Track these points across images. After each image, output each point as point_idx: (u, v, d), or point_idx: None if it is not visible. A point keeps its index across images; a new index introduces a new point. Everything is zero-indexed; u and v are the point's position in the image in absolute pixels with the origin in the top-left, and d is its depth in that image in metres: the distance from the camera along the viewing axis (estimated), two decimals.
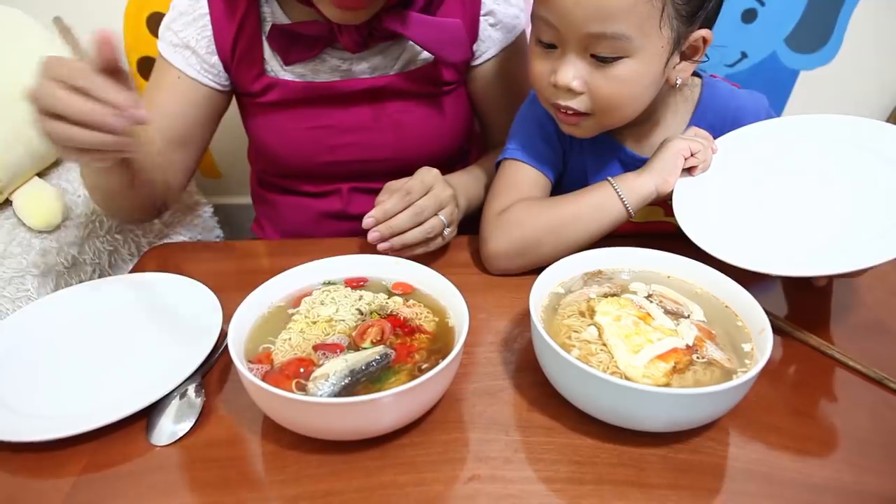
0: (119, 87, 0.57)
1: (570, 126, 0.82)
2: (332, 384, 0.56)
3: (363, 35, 0.89)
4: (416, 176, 0.84)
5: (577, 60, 0.75)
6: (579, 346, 0.61)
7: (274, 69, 0.92)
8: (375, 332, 0.64)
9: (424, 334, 0.64)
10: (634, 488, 0.54)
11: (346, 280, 0.73)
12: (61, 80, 0.56)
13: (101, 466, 0.57)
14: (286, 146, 0.97)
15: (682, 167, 0.81)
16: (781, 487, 0.54)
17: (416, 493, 0.54)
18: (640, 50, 0.72)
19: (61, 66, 0.57)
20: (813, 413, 0.63)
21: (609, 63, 0.73)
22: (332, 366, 0.58)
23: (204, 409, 0.62)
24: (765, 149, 0.83)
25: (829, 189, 0.77)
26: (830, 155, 0.80)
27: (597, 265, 0.73)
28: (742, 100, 0.88)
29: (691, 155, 0.81)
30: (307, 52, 0.90)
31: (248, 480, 0.56)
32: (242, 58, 0.90)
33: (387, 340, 0.63)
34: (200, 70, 0.89)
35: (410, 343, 0.63)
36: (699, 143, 0.81)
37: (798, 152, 0.82)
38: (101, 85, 0.56)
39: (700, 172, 0.83)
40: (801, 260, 0.69)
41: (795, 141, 0.83)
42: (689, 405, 0.53)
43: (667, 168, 0.81)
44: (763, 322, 0.61)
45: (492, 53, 0.99)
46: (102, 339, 0.73)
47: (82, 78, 0.56)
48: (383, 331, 0.64)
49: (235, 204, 1.56)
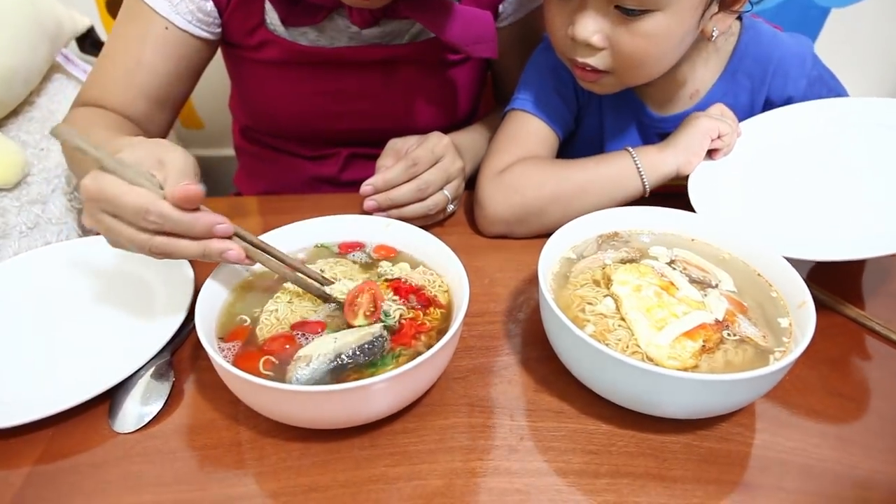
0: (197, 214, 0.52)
1: (588, 83, 0.73)
2: (312, 369, 0.49)
3: (376, 16, 0.79)
4: (425, 142, 0.75)
5: (598, 12, 0.65)
6: (594, 322, 0.54)
7: (274, 24, 0.81)
8: (367, 302, 0.56)
9: (440, 308, 0.57)
10: (655, 482, 0.48)
11: (340, 245, 0.66)
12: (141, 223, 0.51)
13: (57, 457, 0.51)
14: (284, 109, 0.88)
15: (707, 149, 0.74)
16: (822, 481, 0.48)
17: (409, 489, 0.48)
18: (672, 2, 0.62)
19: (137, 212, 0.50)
20: (854, 394, 0.56)
21: (635, 16, 0.63)
22: (317, 346, 0.51)
23: (173, 391, 0.56)
24: (789, 134, 0.76)
25: (859, 173, 0.70)
26: (859, 138, 0.74)
27: (612, 226, 0.66)
28: (785, 46, 0.78)
29: (718, 137, 0.74)
30: (308, 19, 0.80)
31: (221, 473, 0.50)
32: (240, 4, 0.79)
33: (380, 312, 0.56)
34: (192, 20, 0.77)
35: (422, 321, 0.56)
36: (727, 125, 0.74)
37: (824, 136, 0.75)
38: (187, 222, 0.51)
39: (722, 156, 0.76)
40: (830, 245, 0.62)
41: (822, 125, 0.76)
42: (722, 392, 0.46)
43: (692, 148, 0.73)
44: (803, 293, 0.54)
45: (516, 17, 0.89)
46: (59, 312, 0.65)
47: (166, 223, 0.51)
48: (375, 297, 0.57)
49: (219, 156, 1.47)
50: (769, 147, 0.76)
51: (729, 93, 0.80)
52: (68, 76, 1.08)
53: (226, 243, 0.53)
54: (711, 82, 0.80)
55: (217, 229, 0.52)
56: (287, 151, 0.97)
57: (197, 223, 0.51)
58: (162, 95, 0.80)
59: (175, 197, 0.50)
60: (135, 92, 0.77)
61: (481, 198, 0.76)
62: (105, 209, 0.51)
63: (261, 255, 0.56)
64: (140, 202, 0.50)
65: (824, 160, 0.73)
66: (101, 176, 0.51)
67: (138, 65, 0.76)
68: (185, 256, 0.53)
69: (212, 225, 0.52)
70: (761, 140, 0.77)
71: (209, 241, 0.52)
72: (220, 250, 0.53)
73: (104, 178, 0.50)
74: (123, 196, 0.50)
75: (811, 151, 0.75)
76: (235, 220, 0.55)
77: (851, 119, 0.75)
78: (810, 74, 0.79)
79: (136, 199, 0.50)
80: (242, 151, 1.05)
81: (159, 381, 0.56)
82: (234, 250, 0.53)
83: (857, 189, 0.69)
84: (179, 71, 0.80)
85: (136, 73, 0.76)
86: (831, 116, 0.76)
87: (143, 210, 0.49)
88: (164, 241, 0.52)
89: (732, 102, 0.78)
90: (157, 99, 0.79)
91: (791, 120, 0.77)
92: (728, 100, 0.78)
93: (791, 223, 0.67)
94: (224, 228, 0.53)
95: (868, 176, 0.69)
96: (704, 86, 0.80)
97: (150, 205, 0.49)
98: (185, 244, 0.52)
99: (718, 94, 0.80)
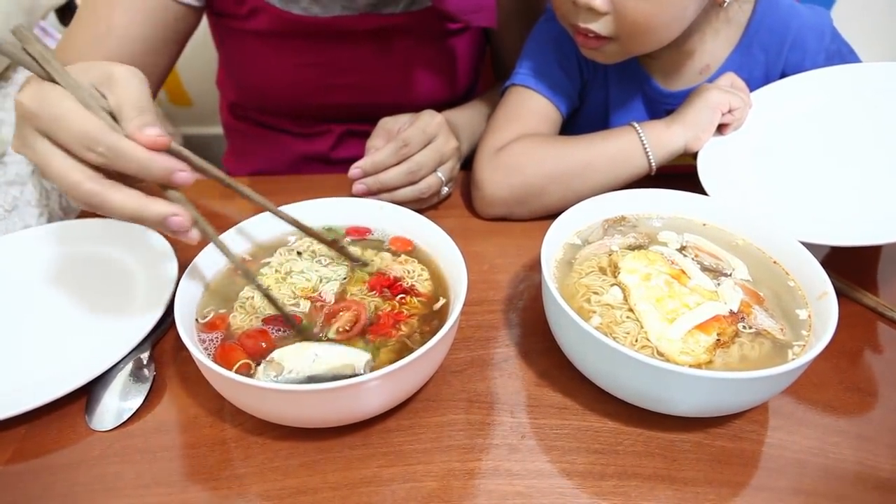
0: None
1: (590, 50, 0.69)
2: (284, 379, 0.46)
3: None
4: (417, 121, 0.71)
5: None
6: (600, 313, 0.51)
7: None
8: (346, 321, 0.51)
9: (418, 297, 0.54)
10: (665, 484, 0.45)
11: (347, 230, 0.62)
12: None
13: (30, 457, 0.48)
14: (273, 82, 0.84)
15: (717, 124, 0.70)
16: (842, 483, 0.45)
17: (403, 491, 0.45)
18: None
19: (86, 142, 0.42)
20: (874, 389, 0.53)
21: None
22: (292, 356, 0.47)
23: (154, 386, 0.53)
24: (803, 104, 0.72)
25: (880, 145, 0.66)
26: (879, 107, 0.69)
27: (619, 210, 0.62)
28: (803, 18, 0.74)
29: (728, 111, 0.70)
30: None
31: (204, 474, 0.47)
32: None
33: (358, 332, 0.50)
34: None
35: (399, 310, 0.52)
36: (738, 98, 0.70)
37: (841, 106, 0.71)
38: (143, 160, 0.43)
39: (732, 131, 0.72)
40: (850, 228, 0.59)
41: (838, 95, 0.71)
42: (739, 391, 0.43)
43: (701, 123, 0.69)
44: (823, 283, 0.50)
45: None
46: (34, 301, 0.62)
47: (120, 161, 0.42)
48: (358, 319, 0.51)
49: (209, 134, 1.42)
50: (782, 119, 0.72)
51: (743, 67, 0.75)
52: None
53: (170, 206, 0.43)
54: (724, 56, 0.75)
55: (178, 177, 0.43)
56: (277, 128, 0.93)
57: (153, 163, 0.42)
58: (136, 65, 0.72)
59: (140, 140, 0.42)
60: (105, 60, 0.71)
61: (479, 178, 0.72)
62: (42, 129, 0.43)
63: (210, 230, 0.47)
64: (89, 127, 0.41)
65: (842, 132, 0.69)
66: (45, 88, 0.42)
67: (109, 30, 0.70)
68: (116, 214, 0.43)
69: (171, 171, 0.43)
70: (774, 112, 0.73)
71: (149, 202, 0.43)
72: (159, 214, 0.43)
73: (49, 92, 0.42)
74: (70, 116, 0.41)
75: (828, 123, 0.70)
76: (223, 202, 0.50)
77: (872, 86, 0.70)
78: (829, 49, 0.74)
79: (82, 124, 0.41)
80: (231, 130, 1.01)
81: (139, 374, 0.53)
82: (180, 216, 0.44)
83: (879, 164, 0.64)
84: (157, 39, 0.74)
85: (106, 40, 0.70)
86: (850, 83, 0.71)
87: (89, 138, 0.41)
88: (96, 190, 0.42)
89: (746, 77, 0.74)
90: None
91: (806, 89, 0.73)
92: (742, 74, 0.74)
93: (807, 203, 0.63)
94: (185, 177, 0.44)
95: (890, 149, 0.65)
96: (716, 60, 0.76)
97: (100, 133, 0.41)
98: (119, 197, 0.43)
99: (731, 69, 0.76)
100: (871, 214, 0.60)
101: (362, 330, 0.50)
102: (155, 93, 0.80)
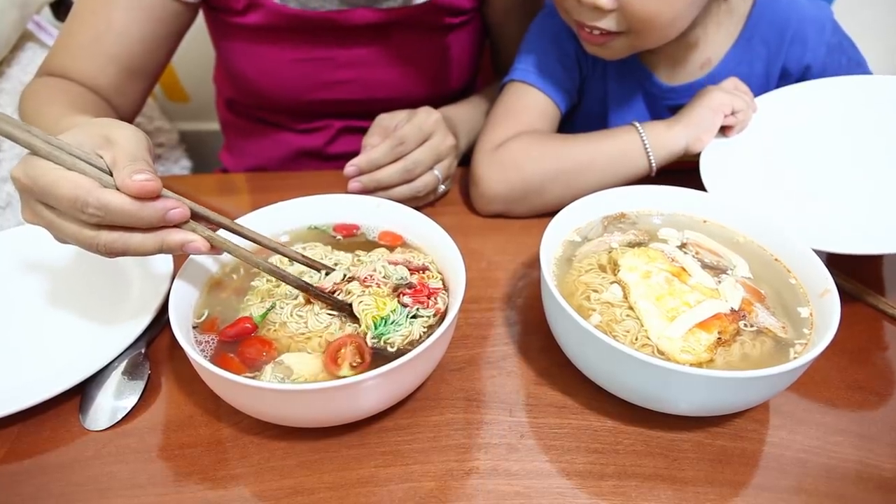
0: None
1: (596, 47, 0.68)
2: None
3: None
4: (413, 119, 0.70)
5: None
6: (600, 311, 0.50)
7: None
8: (352, 354, 0.47)
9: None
10: (665, 484, 0.45)
11: (335, 227, 0.61)
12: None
13: (23, 457, 0.48)
14: (270, 78, 0.83)
15: (719, 125, 0.69)
16: (844, 482, 0.45)
17: (400, 491, 0.45)
18: None
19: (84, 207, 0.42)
20: (876, 387, 0.53)
21: None
22: (302, 366, 0.46)
23: (149, 385, 0.52)
24: (807, 111, 0.72)
25: (882, 155, 0.66)
26: (882, 118, 0.69)
27: (619, 207, 0.61)
28: (804, 11, 0.73)
29: (731, 113, 0.69)
30: None
31: (200, 475, 0.46)
32: None
33: (367, 363, 0.47)
34: None
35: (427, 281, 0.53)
36: (742, 101, 0.69)
37: (845, 115, 0.71)
38: (131, 212, 0.43)
39: (735, 134, 0.71)
40: (852, 236, 0.58)
41: (848, 105, 0.71)
42: (741, 390, 0.43)
43: (703, 124, 0.69)
44: (825, 281, 0.50)
45: None
46: (27, 300, 0.61)
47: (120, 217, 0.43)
48: (360, 349, 0.48)
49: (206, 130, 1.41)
50: (786, 125, 0.72)
51: (743, 61, 0.75)
52: (41, 45, 1.02)
53: (186, 234, 0.45)
54: (724, 50, 0.75)
55: (171, 215, 0.44)
56: (274, 124, 0.92)
57: (142, 212, 0.43)
58: (135, 64, 0.74)
59: (130, 191, 0.42)
60: (104, 59, 0.71)
61: (477, 175, 0.72)
62: (42, 201, 0.44)
63: (227, 244, 0.48)
64: (75, 193, 0.42)
65: (845, 141, 0.69)
66: (32, 162, 0.43)
67: (108, 28, 0.70)
68: (142, 253, 0.45)
69: (163, 212, 0.44)
70: (778, 117, 0.72)
71: (166, 233, 0.45)
72: (179, 242, 0.45)
73: (35, 166, 0.42)
74: (57, 185, 0.42)
75: (831, 131, 0.70)
76: (220, 199, 0.50)
77: (875, 98, 0.70)
78: (830, 42, 0.74)
79: (70, 190, 0.42)
80: (227, 125, 1.00)
81: (134, 373, 0.53)
82: (197, 241, 0.46)
83: (881, 173, 0.64)
84: (155, 36, 0.74)
85: (105, 38, 0.70)
86: (853, 94, 0.71)
87: (79, 201, 0.42)
88: (114, 237, 0.44)
89: (747, 71, 0.74)
90: (128, 67, 0.73)
91: (810, 97, 0.72)
92: (742, 68, 0.74)
93: (808, 209, 0.63)
94: (179, 213, 0.44)
95: (892, 158, 0.65)
96: (717, 54, 0.75)
97: (87, 194, 0.41)
98: (138, 239, 0.44)
99: (732, 63, 0.75)
100: (875, 224, 0.59)
101: (399, 292, 0.51)
102: (151, 88, 0.80)
